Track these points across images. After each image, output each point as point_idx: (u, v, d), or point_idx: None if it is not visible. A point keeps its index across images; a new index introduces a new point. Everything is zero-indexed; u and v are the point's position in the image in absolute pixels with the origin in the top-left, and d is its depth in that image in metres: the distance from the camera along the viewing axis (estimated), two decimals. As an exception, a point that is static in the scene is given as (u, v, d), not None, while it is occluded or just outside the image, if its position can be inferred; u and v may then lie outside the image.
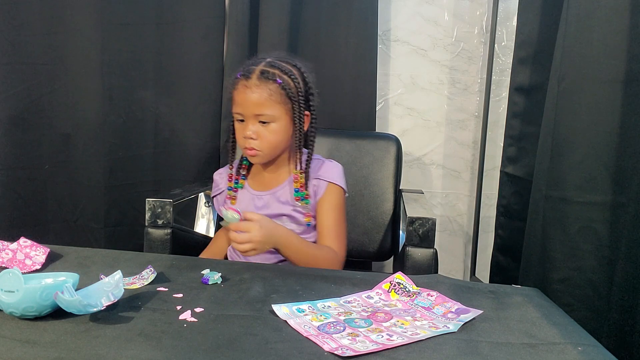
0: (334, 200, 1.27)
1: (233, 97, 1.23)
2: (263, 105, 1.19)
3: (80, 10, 1.67)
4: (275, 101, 1.19)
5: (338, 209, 1.28)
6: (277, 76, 1.19)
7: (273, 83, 1.19)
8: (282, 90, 1.19)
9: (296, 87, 1.21)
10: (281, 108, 1.20)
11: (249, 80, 1.19)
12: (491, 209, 1.93)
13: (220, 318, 0.79)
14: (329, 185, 1.27)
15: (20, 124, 1.66)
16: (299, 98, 1.21)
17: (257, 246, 1.06)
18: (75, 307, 0.74)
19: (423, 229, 1.22)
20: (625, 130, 1.09)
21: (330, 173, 1.29)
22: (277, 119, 1.20)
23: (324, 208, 1.27)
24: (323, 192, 1.26)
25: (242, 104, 1.20)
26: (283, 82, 1.19)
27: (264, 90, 1.19)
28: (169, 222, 1.32)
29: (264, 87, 1.19)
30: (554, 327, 0.82)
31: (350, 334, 0.76)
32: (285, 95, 1.20)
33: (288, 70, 1.21)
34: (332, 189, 1.27)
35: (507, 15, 1.90)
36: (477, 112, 1.97)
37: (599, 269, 1.14)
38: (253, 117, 1.20)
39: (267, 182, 1.30)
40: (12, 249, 0.99)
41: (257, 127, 1.20)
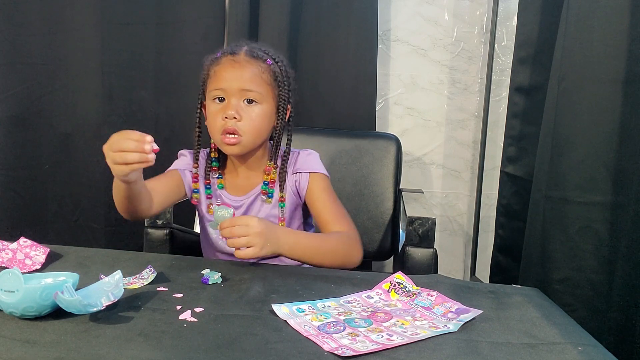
0: (320, 186, 1.20)
1: (212, 75, 1.13)
2: (252, 81, 1.10)
3: (80, 10, 1.67)
4: (264, 81, 1.11)
5: (329, 192, 1.21)
6: (266, 56, 1.13)
7: (263, 62, 1.12)
8: (271, 71, 1.12)
9: (282, 74, 1.14)
10: (269, 91, 1.12)
11: (237, 56, 1.11)
12: (491, 209, 1.93)
13: (220, 318, 0.79)
14: (310, 175, 1.20)
15: (21, 123, 1.66)
16: (285, 86, 1.14)
17: (257, 241, 0.97)
18: (75, 307, 0.74)
19: (423, 229, 1.22)
20: (625, 130, 1.09)
21: (308, 163, 1.21)
22: (263, 100, 1.11)
23: (313, 197, 1.19)
24: (307, 184, 1.19)
25: (228, 78, 1.10)
26: (272, 64, 1.13)
27: (255, 67, 1.11)
28: (169, 222, 1.32)
29: (255, 64, 1.11)
30: (554, 327, 0.82)
31: (350, 334, 0.76)
32: (273, 78, 1.13)
33: (276, 56, 1.16)
34: (315, 177, 1.20)
35: (507, 15, 1.90)
36: (477, 112, 1.97)
37: (599, 269, 1.14)
38: (238, 93, 1.09)
39: (242, 185, 1.20)
40: (12, 248, 0.98)
41: (241, 105, 1.10)
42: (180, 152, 1.27)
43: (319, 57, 1.86)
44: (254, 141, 1.13)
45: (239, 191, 1.20)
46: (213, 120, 1.12)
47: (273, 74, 1.13)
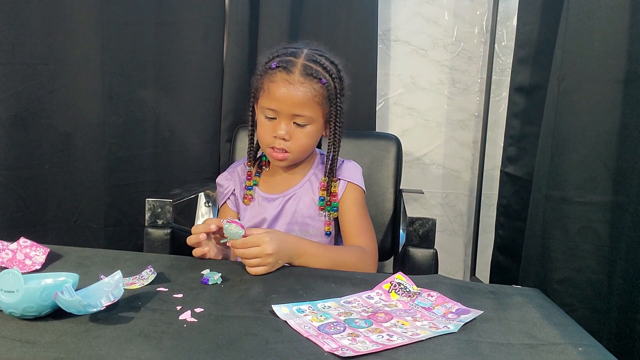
0: (354, 197, 1.22)
1: (265, 89, 1.11)
2: (304, 105, 1.08)
3: (80, 10, 1.67)
4: (316, 102, 1.09)
5: (360, 206, 1.22)
6: (321, 74, 1.09)
7: (318, 82, 1.08)
8: (324, 91, 1.10)
9: (336, 88, 1.12)
10: (319, 110, 1.11)
11: (292, 75, 1.07)
12: (491, 209, 1.93)
13: (220, 318, 0.79)
14: (348, 184, 1.22)
15: (20, 124, 1.66)
16: (337, 101, 1.12)
17: (270, 261, 0.97)
18: (75, 307, 0.74)
19: (423, 229, 1.22)
20: (625, 130, 1.09)
21: (351, 173, 1.23)
22: (313, 121, 1.11)
23: (344, 206, 1.21)
24: (343, 192, 1.21)
25: (282, 100, 1.08)
26: (327, 82, 1.10)
27: (309, 89, 1.08)
28: (169, 222, 1.32)
29: (309, 86, 1.08)
30: (555, 328, 0.82)
31: (351, 334, 0.76)
32: (326, 97, 1.10)
33: (329, 69, 1.12)
34: (351, 188, 1.22)
35: (507, 15, 1.90)
36: (477, 112, 1.97)
37: (599, 269, 1.14)
38: (289, 116, 1.09)
39: (279, 184, 1.23)
40: (12, 249, 0.98)
41: (291, 127, 1.10)
42: (218, 183, 1.30)
43: (319, 57, 1.86)
44: (301, 157, 1.17)
45: (275, 189, 1.22)
46: (263, 133, 1.13)
47: (327, 93, 1.11)
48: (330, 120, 1.14)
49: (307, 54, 1.12)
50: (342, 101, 1.16)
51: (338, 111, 1.14)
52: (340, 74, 1.15)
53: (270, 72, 1.10)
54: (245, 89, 1.83)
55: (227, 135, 1.83)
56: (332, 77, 1.11)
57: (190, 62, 1.82)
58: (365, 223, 1.22)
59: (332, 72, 1.12)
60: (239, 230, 0.98)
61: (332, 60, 1.15)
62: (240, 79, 1.81)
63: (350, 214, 1.21)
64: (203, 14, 1.81)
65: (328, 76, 1.11)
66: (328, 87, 1.10)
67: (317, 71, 1.09)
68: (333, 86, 1.12)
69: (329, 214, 1.21)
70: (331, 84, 1.11)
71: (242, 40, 1.80)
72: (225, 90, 1.83)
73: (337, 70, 1.15)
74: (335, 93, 1.12)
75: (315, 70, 1.09)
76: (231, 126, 1.82)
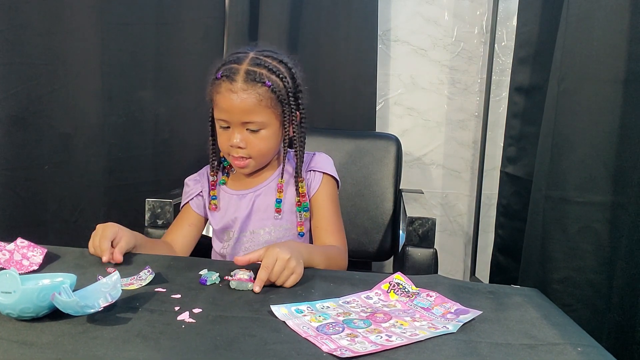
0: (329, 192, 1.21)
1: (214, 101, 1.12)
2: (252, 112, 1.07)
3: (80, 10, 1.67)
4: (265, 106, 1.08)
5: (334, 201, 1.22)
6: (265, 77, 1.07)
7: (262, 86, 1.07)
8: (271, 93, 1.08)
9: (286, 87, 1.10)
10: (271, 113, 1.09)
11: (234, 83, 1.06)
12: (491, 209, 1.93)
13: (218, 319, 0.79)
14: (324, 176, 1.21)
15: (20, 124, 1.66)
16: (289, 100, 1.10)
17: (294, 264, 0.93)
18: (72, 308, 0.74)
19: (423, 229, 1.22)
20: (625, 130, 1.09)
21: (323, 164, 1.22)
22: (267, 125, 1.10)
23: (319, 201, 1.20)
24: (319, 185, 1.20)
25: (228, 110, 1.08)
26: (272, 84, 1.07)
27: (252, 94, 1.06)
28: (169, 222, 1.32)
29: (252, 92, 1.06)
30: (554, 328, 0.82)
31: (349, 335, 0.75)
32: (275, 98, 1.08)
33: (276, 69, 1.09)
34: (327, 181, 1.21)
35: (507, 15, 1.90)
36: (477, 112, 1.97)
37: (599, 269, 1.14)
38: (241, 124, 1.09)
39: (250, 180, 1.21)
40: (9, 249, 0.98)
41: (245, 134, 1.10)
42: (185, 182, 1.28)
43: (319, 57, 1.85)
44: (263, 161, 1.16)
45: (246, 185, 1.21)
46: (221, 142, 1.14)
47: (275, 95, 1.09)
48: (285, 120, 1.12)
49: (251, 58, 1.10)
50: (300, 97, 1.14)
51: (292, 109, 1.12)
52: (293, 72, 1.13)
53: (216, 82, 1.10)
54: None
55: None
56: (279, 77, 1.09)
57: (190, 62, 1.81)
58: (338, 220, 1.21)
59: (280, 72, 1.10)
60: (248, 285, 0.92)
61: (281, 59, 1.12)
62: None
63: (325, 210, 1.19)
64: (203, 14, 1.81)
65: (275, 77, 1.09)
66: (274, 89, 1.08)
67: (260, 75, 1.07)
68: (282, 86, 1.09)
69: (301, 215, 1.20)
70: (279, 84, 1.09)
71: (242, 40, 1.80)
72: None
73: (288, 68, 1.12)
74: (286, 92, 1.10)
75: (258, 74, 1.07)
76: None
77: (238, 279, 0.91)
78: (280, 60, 1.12)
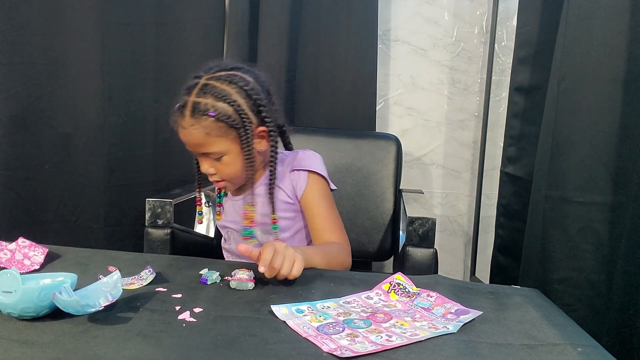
0: (320, 190, 1.18)
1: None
2: (204, 144, 1.07)
3: (80, 10, 1.67)
4: (215, 136, 1.06)
5: (326, 198, 1.19)
6: (209, 107, 1.04)
7: (206, 119, 1.04)
8: (219, 122, 1.05)
9: (237, 110, 1.05)
10: (225, 140, 1.07)
11: (184, 118, 1.06)
12: (491, 209, 1.93)
13: (219, 318, 0.79)
14: (310, 175, 1.18)
15: (20, 124, 1.66)
16: (243, 122, 1.06)
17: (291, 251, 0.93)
18: (73, 307, 0.74)
19: (423, 229, 1.22)
20: (625, 130, 1.09)
21: (308, 161, 1.19)
22: (226, 152, 1.08)
23: (309, 201, 1.17)
24: (305, 184, 1.17)
25: (186, 143, 1.10)
26: (217, 113, 1.04)
27: (199, 129, 1.05)
28: (169, 222, 1.32)
29: (198, 126, 1.05)
30: (554, 328, 0.82)
31: (350, 335, 0.75)
32: (224, 126, 1.05)
33: (223, 94, 1.05)
34: (314, 180, 1.18)
35: (507, 15, 1.90)
36: (477, 112, 1.97)
37: (599, 269, 1.14)
38: (202, 155, 1.10)
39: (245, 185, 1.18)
40: (11, 249, 0.98)
41: (211, 162, 1.10)
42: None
43: (319, 57, 1.86)
44: (239, 181, 1.15)
45: (241, 190, 1.21)
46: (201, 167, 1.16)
47: (223, 122, 1.05)
48: (243, 142, 1.07)
49: (200, 87, 1.07)
50: (263, 111, 1.10)
51: (247, 130, 1.07)
52: (246, 89, 1.07)
53: (175, 114, 1.10)
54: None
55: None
56: (227, 102, 1.05)
57: (190, 62, 1.81)
58: (335, 216, 1.19)
59: (227, 96, 1.06)
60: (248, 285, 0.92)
61: (231, 79, 1.07)
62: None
63: (319, 208, 1.17)
64: (203, 14, 1.81)
65: (221, 104, 1.05)
66: (220, 117, 1.05)
67: (205, 106, 1.04)
68: (231, 111, 1.05)
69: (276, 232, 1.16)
70: (226, 111, 1.05)
71: (242, 40, 1.80)
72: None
73: (239, 87, 1.07)
74: (237, 115, 1.06)
75: (203, 106, 1.05)
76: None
77: (238, 278, 0.92)
78: (231, 81, 1.07)
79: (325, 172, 1.21)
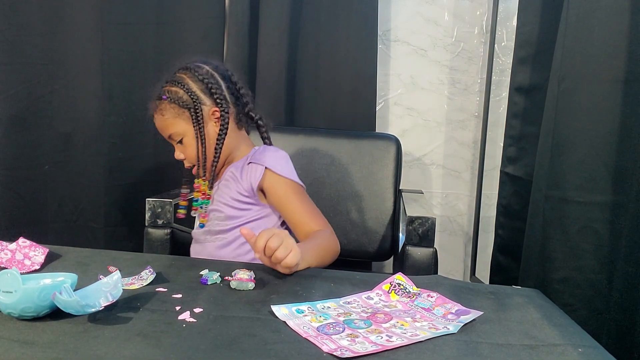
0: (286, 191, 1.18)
1: None
2: (164, 128, 1.19)
3: (81, 10, 1.67)
4: (171, 117, 1.17)
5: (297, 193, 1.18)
6: (164, 92, 1.16)
7: (161, 102, 1.17)
8: (171, 103, 1.16)
9: (188, 92, 1.15)
10: (180, 121, 1.17)
11: (152, 103, 1.19)
12: (491, 209, 1.93)
13: (219, 319, 0.79)
14: (267, 173, 1.17)
15: (21, 123, 1.66)
16: (194, 102, 1.15)
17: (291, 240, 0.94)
18: (73, 307, 0.74)
19: (422, 228, 1.22)
20: (625, 130, 1.09)
21: (263, 156, 1.19)
22: (184, 133, 1.17)
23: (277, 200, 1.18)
24: (260, 177, 1.17)
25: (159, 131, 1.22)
26: (170, 96, 1.16)
27: (159, 112, 1.18)
28: (169, 222, 1.32)
29: (158, 110, 1.18)
30: (554, 329, 0.82)
31: (350, 335, 0.75)
32: (177, 107, 1.16)
33: (175, 79, 1.17)
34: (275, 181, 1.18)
35: (507, 15, 1.90)
36: (477, 112, 1.97)
37: (599, 269, 1.14)
38: (169, 140, 1.21)
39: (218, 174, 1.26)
40: (11, 249, 0.98)
41: (177, 146, 1.21)
42: None
43: (319, 57, 1.86)
44: (208, 164, 1.19)
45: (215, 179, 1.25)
46: None
47: (176, 103, 1.16)
48: (194, 122, 1.16)
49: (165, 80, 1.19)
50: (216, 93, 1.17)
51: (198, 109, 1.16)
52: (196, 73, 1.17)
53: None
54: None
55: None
56: (177, 84, 1.16)
57: (190, 62, 1.81)
58: (310, 206, 1.19)
59: (178, 80, 1.17)
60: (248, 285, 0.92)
61: (188, 66, 1.19)
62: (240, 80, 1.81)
63: (292, 204, 1.18)
64: (203, 14, 1.81)
65: (173, 87, 1.16)
66: (172, 98, 1.15)
67: (161, 91, 1.17)
68: (181, 92, 1.16)
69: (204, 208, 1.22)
70: (177, 92, 1.16)
71: (243, 40, 1.80)
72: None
73: (191, 71, 1.18)
74: (188, 96, 1.15)
75: (159, 91, 1.17)
76: None
77: (239, 279, 0.92)
78: (187, 67, 1.19)
79: (284, 170, 1.19)
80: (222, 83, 1.20)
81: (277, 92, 1.83)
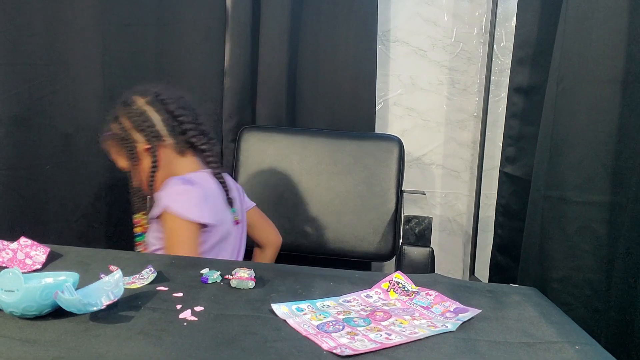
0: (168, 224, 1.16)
1: None
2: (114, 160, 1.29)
3: (81, 10, 1.67)
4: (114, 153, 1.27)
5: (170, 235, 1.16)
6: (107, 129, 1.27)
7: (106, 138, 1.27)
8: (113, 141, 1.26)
9: (122, 130, 1.24)
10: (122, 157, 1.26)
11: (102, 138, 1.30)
12: (490, 209, 1.93)
13: (220, 317, 0.80)
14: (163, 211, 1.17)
15: (22, 124, 1.66)
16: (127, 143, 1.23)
17: None
18: (75, 306, 0.75)
19: (419, 228, 1.22)
20: (624, 130, 1.09)
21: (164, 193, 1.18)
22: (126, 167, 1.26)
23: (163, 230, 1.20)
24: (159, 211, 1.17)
25: None
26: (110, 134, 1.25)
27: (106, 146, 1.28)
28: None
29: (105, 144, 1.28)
30: (552, 326, 0.83)
31: (349, 333, 0.76)
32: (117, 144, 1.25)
33: (114, 116, 1.26)
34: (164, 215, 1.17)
35: (506, 16, 1.90)
36: (477, 113, 1.97)
37: (597, 269, 1.14)
38: None
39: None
40: (13, 248, 0.99)
41: None
42: None
43: (319, 57, 1.86)
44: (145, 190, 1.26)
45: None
46: None
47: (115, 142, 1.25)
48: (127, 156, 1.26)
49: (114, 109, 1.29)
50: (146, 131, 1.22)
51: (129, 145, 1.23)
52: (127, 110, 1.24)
53: None
54: (248, 90, 1.83)
55: (232, 136, 1.84)
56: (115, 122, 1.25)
57: (191, 63, 1.82)
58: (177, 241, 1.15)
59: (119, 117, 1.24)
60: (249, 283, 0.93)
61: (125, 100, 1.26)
62: (242, 80, 1.82)
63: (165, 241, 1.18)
64: (204, 15, 1.81)
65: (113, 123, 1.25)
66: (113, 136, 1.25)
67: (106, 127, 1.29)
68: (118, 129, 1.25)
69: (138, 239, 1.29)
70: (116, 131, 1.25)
71: (244, 41, 1.81)
72: (228, 91, 1.83)
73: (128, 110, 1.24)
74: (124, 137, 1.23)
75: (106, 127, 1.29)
76: (236, 127, 1.82)
77: (239, 277, 0.92)
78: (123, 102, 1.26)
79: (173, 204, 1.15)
80: (155, 117, 1.23)
81: (278, 93, 1.83)
